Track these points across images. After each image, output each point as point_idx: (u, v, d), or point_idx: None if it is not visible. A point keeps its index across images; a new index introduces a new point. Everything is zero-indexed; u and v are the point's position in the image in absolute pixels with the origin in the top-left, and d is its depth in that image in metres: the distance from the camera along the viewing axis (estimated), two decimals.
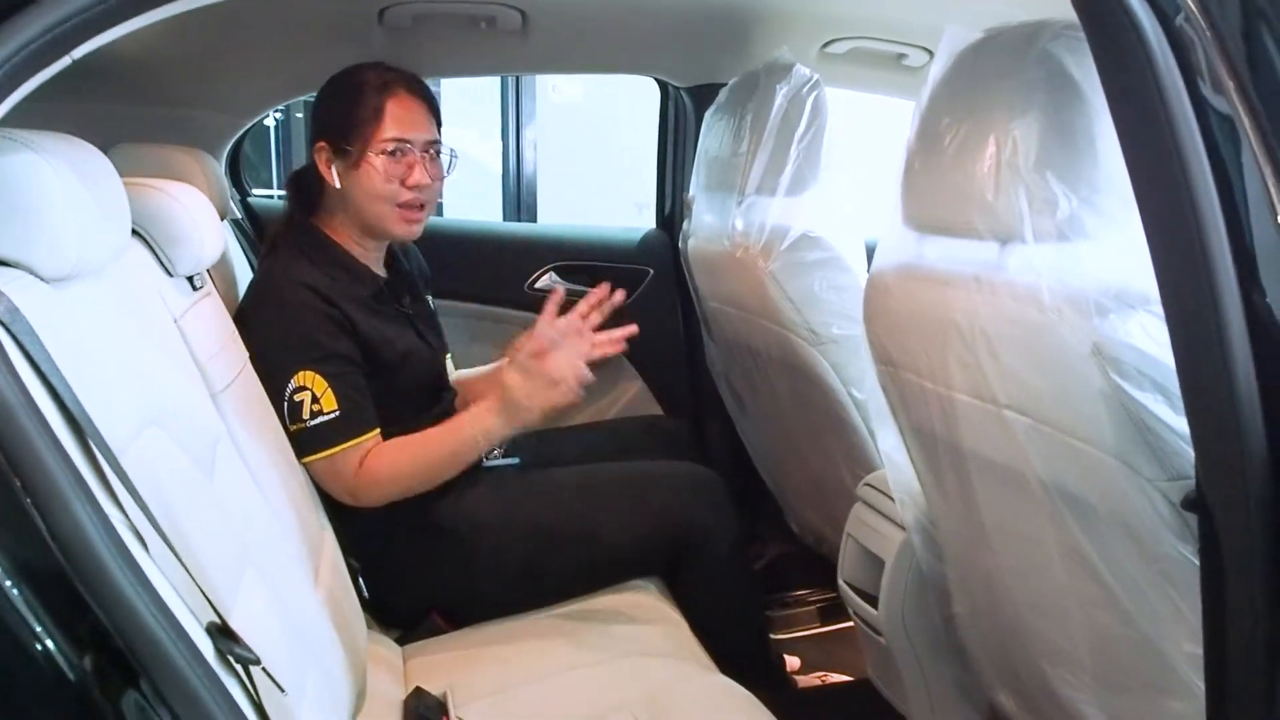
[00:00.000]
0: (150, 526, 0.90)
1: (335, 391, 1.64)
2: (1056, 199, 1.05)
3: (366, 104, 1.74)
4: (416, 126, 1.77)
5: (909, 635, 1.62)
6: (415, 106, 1.77)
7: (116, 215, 1.11)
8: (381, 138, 1.74)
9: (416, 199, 1.78)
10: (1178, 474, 1.00)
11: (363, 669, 1.50)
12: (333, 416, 1.64)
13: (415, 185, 1.76)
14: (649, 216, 2.84)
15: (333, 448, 1.65)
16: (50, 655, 0.74)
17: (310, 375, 1.64)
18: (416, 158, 1.76)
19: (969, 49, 1.20)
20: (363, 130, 1.74)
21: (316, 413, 1.64)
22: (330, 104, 1.80)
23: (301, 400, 1.64)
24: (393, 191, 1.76)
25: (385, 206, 1.77)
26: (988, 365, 1.15)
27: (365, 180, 1.75)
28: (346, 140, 1.75)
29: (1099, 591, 1.14)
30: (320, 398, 1.64)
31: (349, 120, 1.75)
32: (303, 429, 1.64)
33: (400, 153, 1.75)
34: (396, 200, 1.76)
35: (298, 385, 1.64)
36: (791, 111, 1.91)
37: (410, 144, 1.75)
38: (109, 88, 1.87)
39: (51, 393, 0.85)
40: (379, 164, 1.74)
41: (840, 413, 1.94)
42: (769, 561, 2.57)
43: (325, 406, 1.64)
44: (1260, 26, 0.90)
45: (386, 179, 1.75)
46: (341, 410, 1.65)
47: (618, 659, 1.60)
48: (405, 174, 1.76)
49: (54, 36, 0.77)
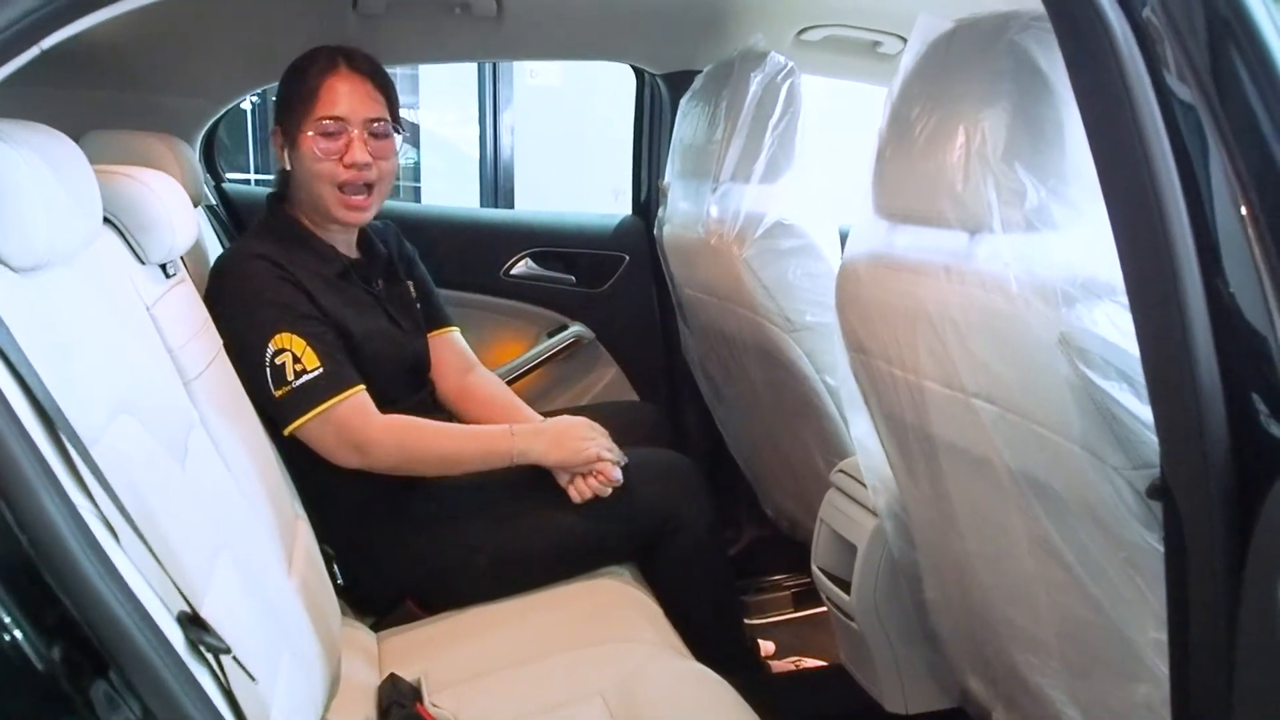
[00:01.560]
0: (120, 516, 0.90)
1: (315, 349, 1.65)
2: (1024, 189, 1.06)
3: (306, 84, 1.75)
4: (356, 103, 1.75)
5: (881, 620, 1.63)
6: (357, 83, 1.76)
7: (87, 204, 1.10)
8: (316, 115, 1.74)
9: (356, 178, 1.76)
10: (1143, 462, 1.01)
11: (337, 655, 1.51)
12: (317, 373, 1.64)
13: (352, 164, 1.75)
14: (625, 203, 2.84)
15: (324, 403, 1.65)
16: (18, 645, 0.74)
17: (288, 337, 1.64)
18: (354, 136, 1.75)
19: (940, 39, 1.20)
20: (300, 109, 1.75)
21: (300, 372, 1.64)
22: (282, 86, 1.82)
23: (283, 363, 1.64)
24: (329, 170, 1.75)
25: (325, 187, 1.76)
26: (957, 354, 1.16)
27: (304, 159, 1.76)
28: (289, 121, 1.76)
29: (1066, 578, 1.16)
30: (301, 357, 1.64)
31: (290, 101, 1.76)
32: (289, 391, 1.64)
33: (336, 132, 1.74)
34: (335, 180, 1.75)
35: (277, 349, 1.64)
36: (766, 99, 1.92)
37: (345, 121, 1.75)
38: (80, 73, 1.85)
39: (20, 383, 0.84)
40: (315, 142, 1.74)
41: (813, 399, 1.95)
42: (743, 547, 2.59)
43: (308, 364, 1.64)
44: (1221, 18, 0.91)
45: (322, 156, 1.74)
46: (325, 367, 1.65)
47: (592, 645, 1.61)
48: (342, 151, 1.75)
49: (22, 27, 0.77)
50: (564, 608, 1.75)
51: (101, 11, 0.81)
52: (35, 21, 0.77)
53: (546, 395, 2.63)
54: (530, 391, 2.53)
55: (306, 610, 1.41)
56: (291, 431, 1.67)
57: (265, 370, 1.63)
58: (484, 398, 2.02)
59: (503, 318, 2.67)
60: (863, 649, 1.68)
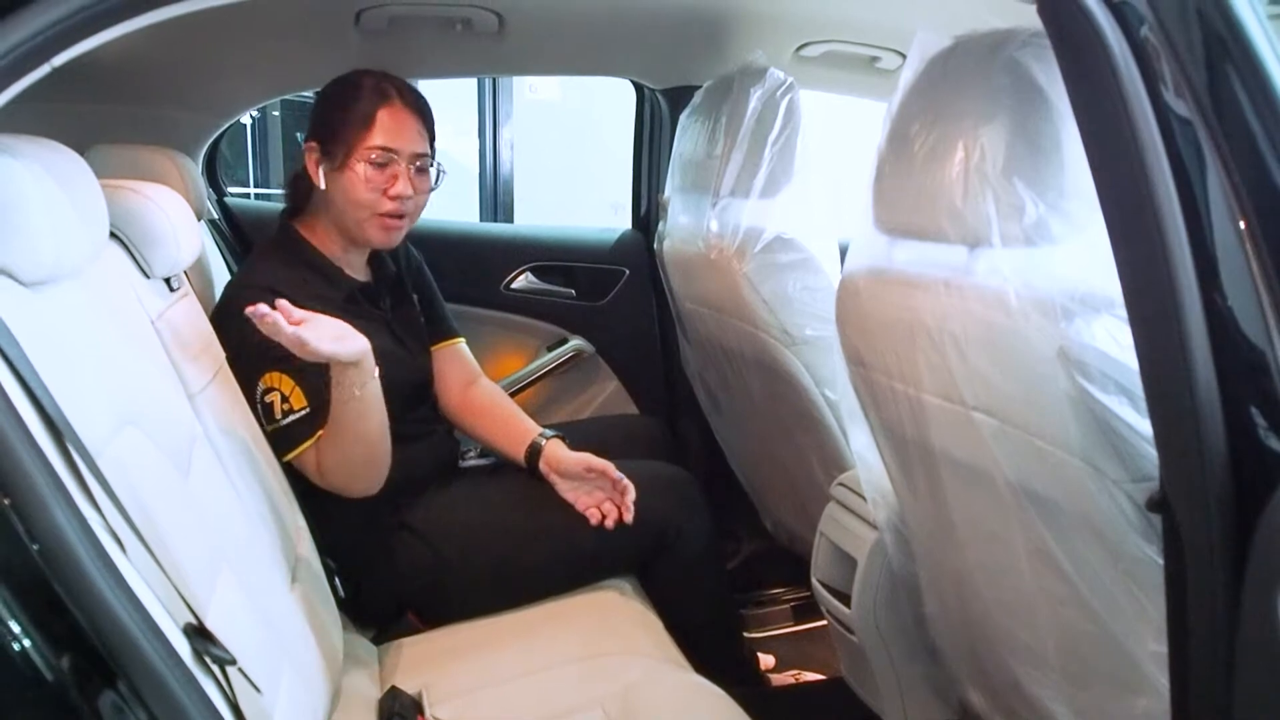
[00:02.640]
0: (127, 527, 0.90)
1: (303, 388, 1.64)
2: (1024, 204, 1.07)
3: (358, 110, 1.75)
4: (405, 138, 1.77)
5: (881, 634, 1.63)
6: (407, 118, 1.78)
7: (94, 218, 1.11)
8: (368, 145, 1.75)
9: (397, 209, 1.78)
10: (1142, 475, 1.02)
11: (338, 668, 1.51)
12: (303, 413, 1.65)
13: (397, 196, 1.76)
14: (625, 217, 2.85)
15: (308, 442, 1.65)
16: (28, 655, 0.75)
17: (277, 376, 1.64)
18: (401, 169, 1.77)
19: (939, 55, 1.21)
20: (351, 135, 1.75)
21: (287, 411, 1.64)
22: (325, 105, 1.81)
23: (272, 401, 1.64)
24: (373, 200, 1.76)
25: (365, 214, 1.77)
26: (956, 367, 1.17)
27: (348, 185, 1.76)
28: (335, 143, 1.76)
29: (1066, 590, 1.16)
30: (289, 396, 1.64)
31: (340, 124, 1.76)
32: (277, 428, 1.65)
33: (386, 162, 1.76)
34: (377, 209, 1.77)
35: (266, 387, 1.64)
36: (766, 114, 1.93)
37: (396, 154, 1.76)
38: (86, 88, 1.87)
39: (30, 395, 0.85)
40: (363, 171, 1.75)
41: (813, 412, 1.95)
42: (743, 560, 2.59)
43: (295, 404, 1.64)
44: (1217, 36, 0.92)
45: (369, 187, 1.75)
46: (311, 406, 1.65)
47: (592, 658, 1.61)
48: (388, 184, 1.76)
49: (34, 45, 0.78)
50: (564, 620, 1.75)
51: (112, 30, 0.82)
52: (47, 40, 0.78)
53: (546, 409, 2.64)
54: (530, 405, 2.54)
55: (308, 622, 1.42)
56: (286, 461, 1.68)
57: (258, 406, 1.65)
58: (482, 409, 2.02)
59: (503, 331, 2.68)
60: (862, 662, 1.68)
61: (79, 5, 0.78)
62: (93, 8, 0.78)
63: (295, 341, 1.46)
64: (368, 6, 2.02)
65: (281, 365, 1.64)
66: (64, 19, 0.78)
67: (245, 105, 2.57)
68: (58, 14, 0.77)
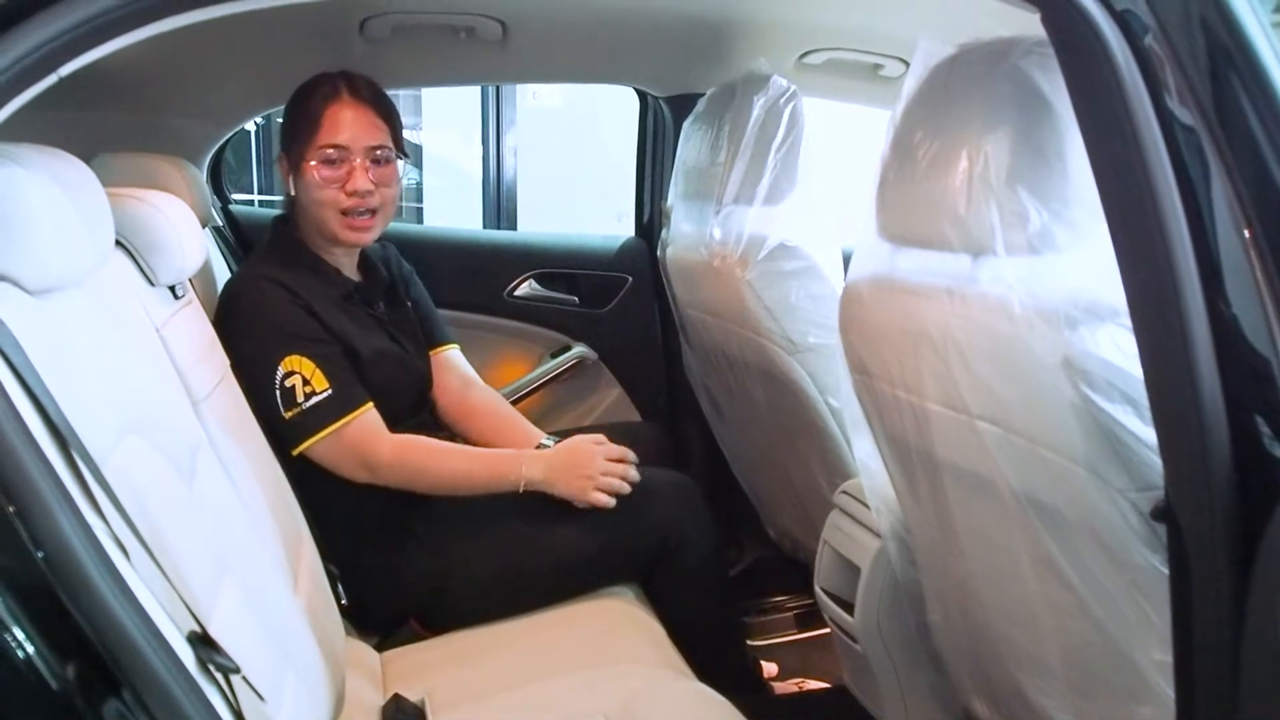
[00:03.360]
0: (131, 535, 0.90)
1: (324, 370, 1.67)
2: (1027, 213, 1.06)
3: (308, 112, 1.77)
4: (356, 132, 1.77)
5: (885, 642, 1.63)
6: (358, 112, 1.78)
7: (99, 227, 1.11)
8: (318, 144, 1.76)
9: (358, 205, 1.78)
10: (1147, 484, 1.02)
11: (341, 675, 1.51)
12: (326, 395, 1.66)
13: (354, 191, 1.77)
14: (628, 224, 2.85)
15: (334, 423, 1.67)
16: (33, 663, 0.75)
17: (297, 359, 1.66)
18: (356, 164, 1.77)
19: (942, 64, 1.21)
20: (303, 137, 1.77)
21: (310, 394, 1.66)
22: (286, 113, 1.84)
23: (293, 385, 1.66)
24: (332, 198, 1.77)
25: (329, 212, 1.78)
26: (960, 376, 1.17)
27: (308, 187, 1.78)
28: (293, 148, 1.78)
29: (1070, 599, 1.16)
30: (310, 379, 1.66)
31: (294, 128, 1.79)
32: (299, 412, 1.66)
33: (338, 160, 1.76)
34: (339, 207, 1.78)
35: (287, 371, 1.66)
36: (769, 121, 1.93)
37: (347, 149, 1.76)
38: (91, 97, 1.87)
39: (35, 403, 0.85)
40: (317, 170, 1.76)
41: (816, 420, 1.95)
42: (746, 568, 2.58)
43: (318, 386, 1.66)
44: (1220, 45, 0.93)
45: (325, 185, 1.76)
46: (334, 388, 1.67)
47: (595, 665, 1.61)
48: (344, 180, 1.76)
49: (41, 55, 0.78)
50: (567, 628, 1.75)
51: (120, 39, 0.82)
52: (54, 49, 0.79)
53: (549, 416, 2.64)
54: (533, 412, 2.54)
55: (312, 630, 1.41)
56: (301, 451, 1.68)
57: (275, 392, 1.65)
58: (485, 413, 2.03)
59: (506, 338, 2.68)
60: (866, 670, 1.68)
61: (86, 15, 0.78)
62: (100, 18, 0.79)
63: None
64: (372, 15, 2.02)
65: (300, 348, 1.66)
66: (71, 29, 0.78)
67: (250, 113, 2.58)
68: (65, 23, 0.78)
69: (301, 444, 1.68)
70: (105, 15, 0.79)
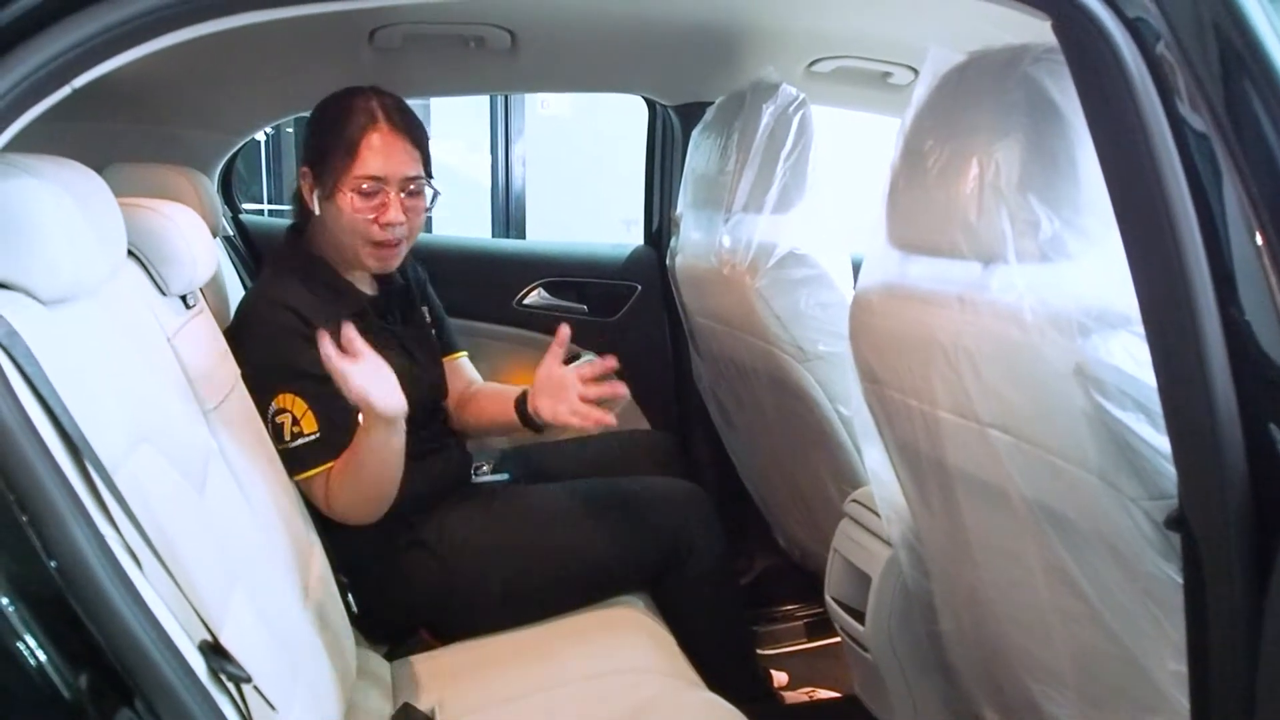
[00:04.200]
0: (144, 544, 0.91)
1: (315, 412, 1.64)
2: (1039, 220, 1.06)
3: (345, 136, 1.72)
4: (393, 163, 1.73)
5: (895, 651, 1.62)
6: (395, 142, 1.73)
7: (112, 237, 1.12)
8: (355, 174, 1.71)
9: (389, 238, 1.76)
10: (1160, 493, 1.01)
11: (351, 684, 1.51)
12: (312, 439, 1.64)
13: (388, 224, 1.74)
14: (637, 233, 2.85)
15: (313, 469, 1.66)
16: (46, 672, 0.75)
17: (290, 398, 1.64)
18: (391, 196, 1.73)
19: (952, 71, 1.21)
20: (339, 164, 1.72)
21: (296, 434, 1.64)
22: (315, 128, 1.79)
23: (282, 422, 1.64)
24: (365, 228, 1.74)
25: (358, 240, 1.75)
26: (971, 384, 1.17)
27: (339, 214, 1.74)
28: (324, 170, 1.74)
29: (1082, 608, 1.15)
30: (300, 419, 1.64)
31: (328, 150, 1.73)
32: (285, 450, 1.64)
33: (374, 191, 1.72)
34: (369, 238, 1.75)
35: (279, 407, 1.64)
36: (778, 130, 1.93)
37: (384, 182, 1.73)
38: (103, 108, 1.88)
39: (48, 413, 0.86)
40: (351, 201, 1.72)
41: (826, 428, 1.95)
42: (755, 576, 2.58)
43: (305, 428, 1.64)
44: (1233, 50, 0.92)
45: (358, 216, 1.73)
46: (321, 432, 1.65)
47: (605, 675, 1.61)
48: (378, 212, 1.73)
49: (55, 67, 0.78)
50: (576, 637, 1.75)
51: (133, 51, 0.83)
52: (68, 61, 0.79)
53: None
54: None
55: (321, 639, 1.42)
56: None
57: (269, 425, 1.65)
58: (471, 397, 2.04)
59: (515, 347, 2.68)
60: (877, 680, 1.67)
61: (100, 27, 0.79)
62: (113, 30, 0.79)
63: (339, 374, 1.48)
64: (381, 25, 2.03)
65: (295, 387, 1.64)
66: (85, 41, 0.78)
67: (260, 123, 2.58)
68: (79, 36, 0.78)
69: (292, 477, 1.66)
70: (118, 28, 0.80)
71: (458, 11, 2.04)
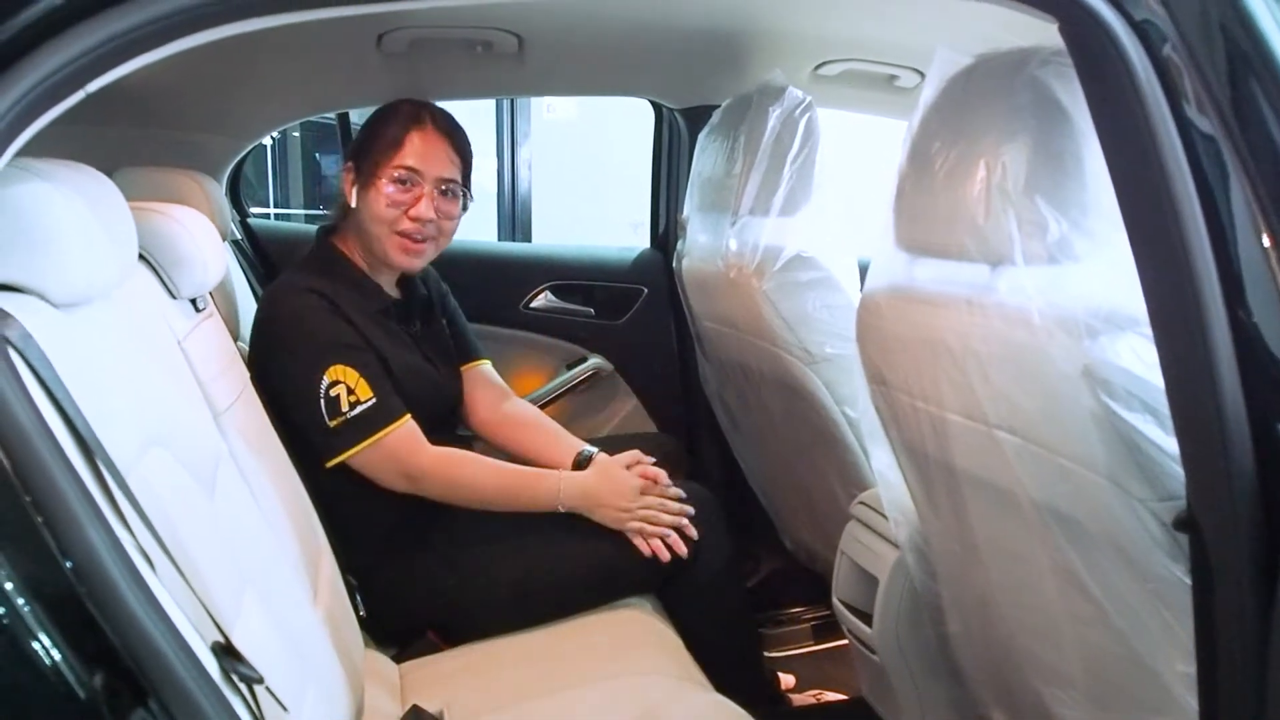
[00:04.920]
0: (156, 546, 0.91)
1: (367, 380, 1.69)
2: (1046, 222, 1.07)
3: (390, 132, 1.80)
4: (432, 161, 1.80)
5: (903, 653, 1.62)
6: (437, 142, 1.81)
7: (124, 241, 1.12)
8: (394, 164, 1.78)
9: (417, 230, 1.80)
10: (1169, 494, 1.01)
11: (360, 686, 1.51)
12: (370, 404, 1.69)
13: (417, 217, 1.79)
14: (644, 236, 2.86)
15: (378, 432, 1.70)
16: (61, 672, 0.75)
17: (341, 369, 1.68)
18: (425, 191, 1.80)
19: (959, 74, 1.22)
20: (380, 155, 1.79)
21: (355, 403, 1.68)
22: (365, 129, 1.87)
23: (338, 394, 1.68)
24: (393, 217, 1.79)
25: (384, 230, 1.80)
26: (979, 386, 1.17)
27: (372, 202, 1.79)
28: (366, 162, 1.80)
29: (1091, 610, 1.15)
30: (355, 388, 1.68)
31: (372, 144, 1.80)
32: (343, 421, 1.68)
33: (410, 183, 1.79)
34: (396, 227, 1.79)
35: (332, 380, 1.68)
36: (784, 133, 1.94)
37: (421, 176, 1.79)
38: (113, 112, 1.89)
39: (62, 415, 0.86)
40: (386, 189, 1.78)
41: (833, 431, 1.95)
42: (762, 579, 2.58)
43: (362, 395, 1.69)
44: (1240, 51, 0.93)
45: (390, 204, 1.78)
46: (378, 397, 1.70)
47: (612, 677, 1.61)
48: (410, 204, 1.79)
49: (70, 72, 0.79)
50: (584, 639, 1.75)
51: (148, 55, 0.83)
52: (83, 66, 0.80)
53: (565, 426, 2.60)
54: None
55: (331, 640, 1.42)
56: (340, 461, 1.70)
57: (319, 402, 1.67)
58: (524, 424, 2.04)
59: (522, 350, 2.69)
60: (884, 682, 1.67)
61: (115, 32, 0.79)
62: (128, 35, 0.80)
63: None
64: (389, 30, 2.04)
65: (344, 358, 1.69)
66: (100, 45, 0.79)
67: (268, 128, 2.60)
68: (95, 40, 0.79)
69: (344, 453, 1.70)
70: (133, 33, 0.80)
71: (465, 16, 2.05)
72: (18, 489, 0.76)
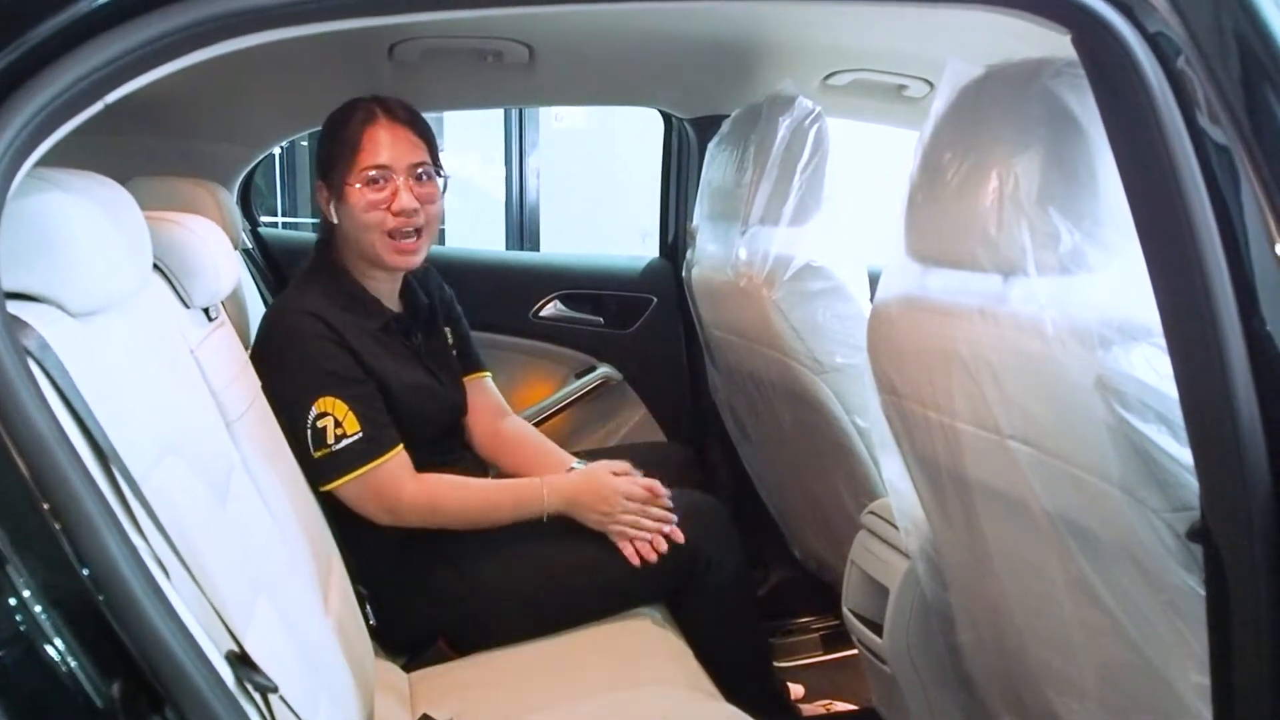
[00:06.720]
0: (171, 554, 0.91)
1: (356, 413, 1.67)
2: (1059, 233, 1.07)
3: (346, 136, 1.76)
4: (397, 151, 1.76)
5: (914, 663, 1.62)
6: (396, 130, 1.77)
7: (139, 250, 1.13)
8: (361, 166, 1.75)
9: (405, 224, 1.77)
10: (1182, 505, 1.01)
11: (371, 695, 1.51)
12: (356, 438, 1.67)
13: (400, 211, 1.76)
14: (653, 245, 2.86)
15: (361, 468, 1.68)
16: (78, 679, 0.76)
17: (330, 401, 1.67)
18: (400, 183, 1.76)
19: (971, 84, 1.22)
20: (343, 162, 1.76)
21: (340, 436, 1.67)
22: (322, 142, 1.84)
23: (324, 426, 1.67)
24: (379, 219, 1.76)
25: (375, 235, 1.77)
26: (991, 396, 1.17)
27: (352, 209, 1.76)
28: (333, 174, 1.78)
29: (1105, 620, 1.15)
30: (342, 421, 1.67)
31: (335, 154, 1.77)
32: (328, 454, 1.67)
33: (382, 180, 1.75)
34: (384, 228, 1.76)
35: (319, 412, 1.66)
36: (794, 142, 1.94)
37: (389, 169, 1.75)
38: (125, 122, 1.89)
39: (79, 423, 0.87)
40: (361, 193, 1.75)
41: (843, 440, 1.95)
42: (772, 588, 2.57)
43: (348, 429, 1.67)
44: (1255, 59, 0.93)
45: (370, 207, 1.75)
46: (364, 431, 1.68)
47: (623, 687, 1.61)
48: (389, 200, 1.75)
49: (89, 84, 0.79)
50: (594, 649, 1.75)
51: (166, 66, 0.84)
52: (103, 77, 0.80)
53: (574, 436, 2.64)
54: (558, 432, 2.55)
55: (342, 649, 1.42)
56: (326, 490, 1.70)
57: (306, 431, 1.66)
58: (517, 443, 2.03)
59: (531, 359, 2.69)
60: (895, 692, 1.67)
61: (134, 44, 0.80)
62: (147, 46, 0.80)
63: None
64: (400, 40, 2.05)
65: (333, 391, 1.67)
66: (119, 57, 0.79)
67: (279, 137, 2.61)
68: (114, 52, 0.79)
69: (328, 484, 1.69)
70: (152, 44, 0.81)
71: (476, 26, 2.06)
72: (36, 497, 0.76)
